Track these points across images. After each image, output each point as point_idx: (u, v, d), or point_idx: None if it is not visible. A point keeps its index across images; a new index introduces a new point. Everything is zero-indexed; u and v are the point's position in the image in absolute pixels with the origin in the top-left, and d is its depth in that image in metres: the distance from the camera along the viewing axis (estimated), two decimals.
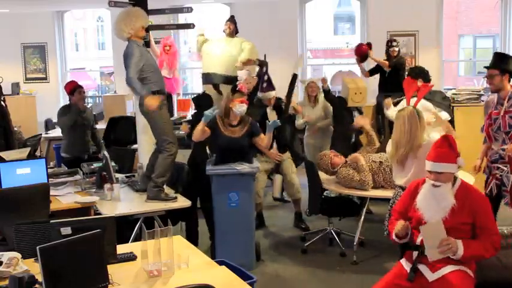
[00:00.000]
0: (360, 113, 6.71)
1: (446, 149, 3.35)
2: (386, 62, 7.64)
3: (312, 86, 6.88)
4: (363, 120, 5.95)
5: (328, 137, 6.90)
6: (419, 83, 6.19)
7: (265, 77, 6.11)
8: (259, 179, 6.16)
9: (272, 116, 6.17)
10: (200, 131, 5.09)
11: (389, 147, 4.40)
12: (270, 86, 6.12)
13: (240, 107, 5.12)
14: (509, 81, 4.51)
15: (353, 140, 6.73)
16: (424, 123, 4.21)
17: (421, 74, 6.32)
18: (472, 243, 3.28)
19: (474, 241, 3.30)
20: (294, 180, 6.29)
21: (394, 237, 3.51)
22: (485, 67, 4.60)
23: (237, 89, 5.30)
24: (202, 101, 6.10)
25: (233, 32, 7.50)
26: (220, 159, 5.20)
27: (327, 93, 6.70)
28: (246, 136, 5.23)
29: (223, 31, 7.54)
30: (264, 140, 5.28)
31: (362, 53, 7.85)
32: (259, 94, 6.15)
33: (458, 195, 3.35)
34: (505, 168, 4.45)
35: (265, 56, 6.43)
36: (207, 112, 5.00)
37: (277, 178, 6.62)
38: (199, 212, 5.76)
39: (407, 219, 3.51)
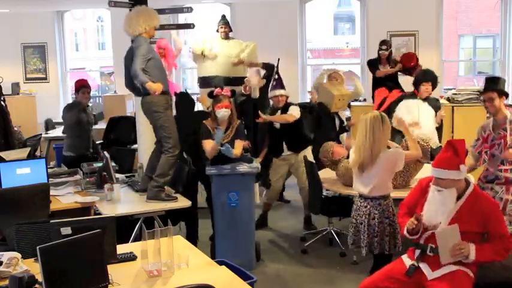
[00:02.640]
0: (341, 120, 6.62)
1: (449, 155, 3.31)
2: (394, 69, 7.56)
3: (335, 76, 6.83)
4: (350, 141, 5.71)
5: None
6: (427, 86, 6.22)
7: (276, 76, 6.14)
8: (276, 180, 6.22)
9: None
10: (212, 150, 5.06)
11: (352, 153, 4.32)
12: (278, 85, 6.12)
13: (219, 112, 5.08)
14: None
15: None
16: (388, 129, 4.16)
17: (430, 78, 6.32)
18: (484, 249, 3.27)
19: (487, 246, 3.29)
20: (307, 185, 6.23)
21: (405, 232, 3.49)
22: (481, 92, 4.62)
23: (214, 94, 5.19)
24: (182, 101, 6.11)
25: (228, 34, 7.50)
26: (215, 162, 5.19)
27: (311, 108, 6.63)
28: (234, 139, 5.18)
29: (218, 33, 7.52)
30: (237, 147, 5.13)
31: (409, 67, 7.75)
32: (269, 93, 6.15)
33: (468, 201, 3.34)
34: (500, 190, 4.45)
35: (278, 60, 6.44)
36: (216, 132, 5.03)
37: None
38: (199, 212, 5.76)
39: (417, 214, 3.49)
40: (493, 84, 4.53)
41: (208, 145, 5.10)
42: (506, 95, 4.55)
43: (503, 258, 3.32)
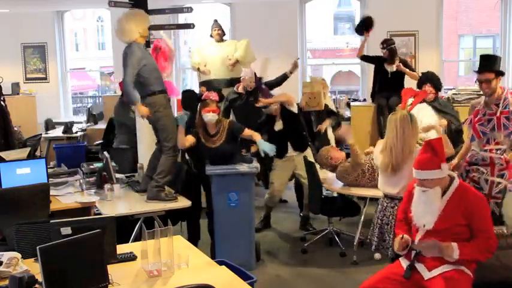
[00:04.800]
0: (318, 117, 6.58)
1: (429, 156, 3.32)
2: (415, 74, 7.43)
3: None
4: (346, 130, 5.62)
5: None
6: (428, 87, 6.19)
7: (262, 87, 6.09)
8: (280, 182, 6.15)
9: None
10: (182, 138, 5.05)
11: (378, 154, 4.26)
12: (268, 96, 6.08)
13: (206, 116, 5.13)
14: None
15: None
16: (416, 128, 4.14)
17: (429, 79, 6.30)
18: (467, 247, 3.27)
19: (470, 244, 3.29)
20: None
21: (395, 250, 3.53)
22: (477, 71, 4.43)
23: (202, 98, 5.24)
24: (187, 101, 6.11)
25: (222, 36, 7.52)
26: (215, 163, 5.21)
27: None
28: (228, 141, 5.19)
29: (211, 36, 7.54)
30: (253, 135, 5.21)
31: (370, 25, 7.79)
32: (264, 110, 6.08)
33: (454, 196, 3.35)
34: (485, 171, 4.43)
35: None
36: (178, 116, 5.06)
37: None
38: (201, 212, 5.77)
39: (410, 220, 3.52)
40: (490, 63, 4.37)
41: (187, 139, 5.10)
42: (503, 74, 4.45)
43: (486, 259, 3.32)
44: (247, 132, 5.23)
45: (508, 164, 4.42)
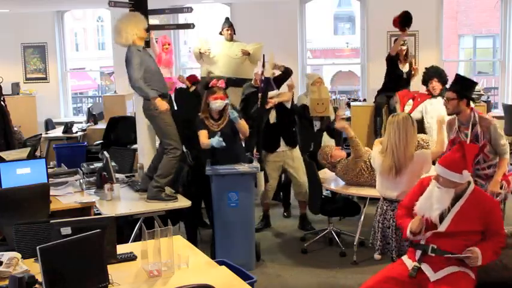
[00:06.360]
0: (323, 123, 6.54)
1: (457, 157, 3.28)
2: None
3: (319, 81, 6.81)
4: (343, 123, 5.53)
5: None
6: (435, 82, 6.21)
7: (262, 77, 6.06)
8: (273, 177, 6.17)
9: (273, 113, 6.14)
10: (204, 139, 5.12)
11: (377, 155, 4.22)
12: (269, 86, 6.05)
13: (214, 103, 5.15)
14: (467, 104, 4.36)
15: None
16: (416, 131, 4.12)
17: (435, 73, 6.32)
18: (487, 250, 3.27)
19: (487, 248, 3.28)
20: (305, 181, 6.17)
21: (408, 234, 3.45)
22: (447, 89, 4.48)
23: (210, 85, 5.27)
24: (181, 98, 6.12)
25: (233, 36, 7.50)
26: (211, 153, 5.20)
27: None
28: (230, 125, 5.22)
29: (221, 34, 7.52)
30: (241, 126, 5.21)
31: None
32: (259, 95, 6.10)
33: (468, 201, 3.33)
34: (484, 183, 4.45)
35: (263, 56, 6.35)
36: (214, 140, 5.01)
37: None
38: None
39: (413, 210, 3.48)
40: (458, 86, 4.37)
41: (203, 136, 5.14)
42: (470, 99, 4.40)
43: (498, 257, 3.34)
44: (242, 123, 5.21)
45: (505, 176, 4.45)
